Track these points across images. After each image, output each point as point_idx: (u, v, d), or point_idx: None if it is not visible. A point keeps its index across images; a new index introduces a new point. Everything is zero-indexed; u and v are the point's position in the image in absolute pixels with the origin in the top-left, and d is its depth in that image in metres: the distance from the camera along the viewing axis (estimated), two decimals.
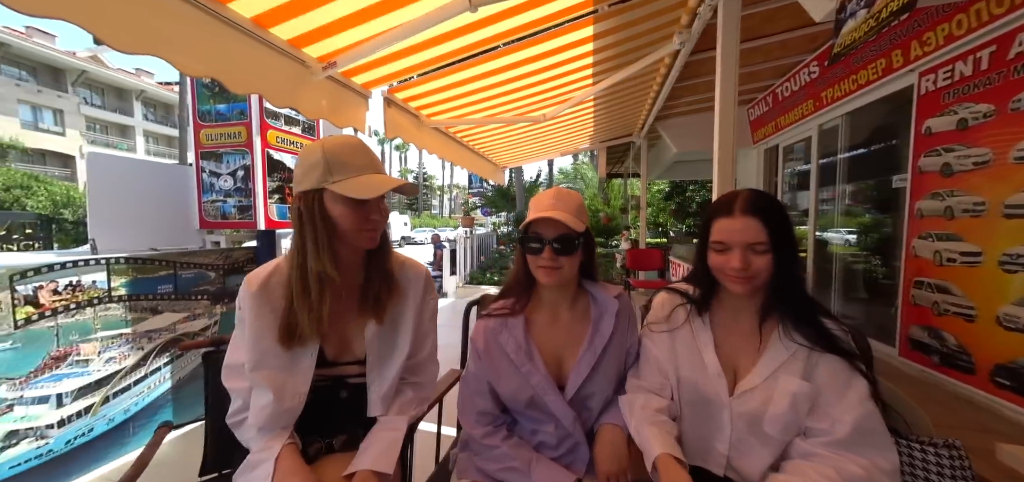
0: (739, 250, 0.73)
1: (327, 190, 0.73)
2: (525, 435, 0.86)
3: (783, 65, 3.84)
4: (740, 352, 0.78)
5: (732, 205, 0.75)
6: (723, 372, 0.77)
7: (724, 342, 0.80)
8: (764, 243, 0.72)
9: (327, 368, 0.82)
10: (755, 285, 0.75)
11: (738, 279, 0.74)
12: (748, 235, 0.72)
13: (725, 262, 0.75)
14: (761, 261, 0.72)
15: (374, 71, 2.27)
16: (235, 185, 2.36)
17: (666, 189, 13.87)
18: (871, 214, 3.23)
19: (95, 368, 1.74)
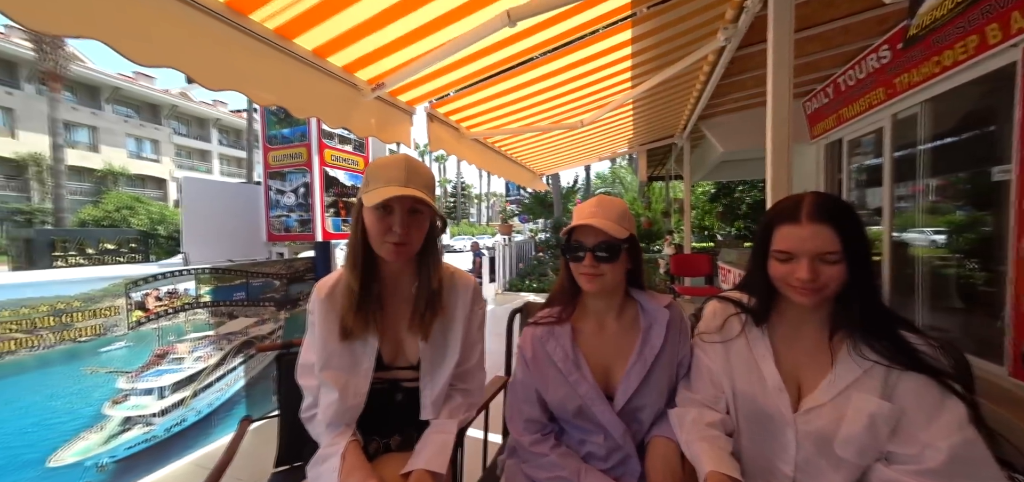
0: (807, 260, 0.67)
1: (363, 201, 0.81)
2: (573, 445, 0.86)
3: (845, 52, 3.51)
4: (804, 366, 0.72)
5: (798, 210, 0.69)
6: (785, 387, 0.72)
7: (785, 355, 0.74)
8: (836, 253, 0.65)
9: (384, 371, 0.88)
10: (824, 296, 0.69)
11: (805, 291, 0.68)
12: (817, 244, 0.66)
13: (790, 272, 0.69)
14: (832, 272, 0.66)
15: (417, 89, 2.41)
16: (297, 201, 2.60)
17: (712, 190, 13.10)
18: (964, 212, 2.84)
19: (187, 365, 2.00)
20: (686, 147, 6.27)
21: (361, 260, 0.83)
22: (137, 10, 1.03)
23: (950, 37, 2.59)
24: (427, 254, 0.88)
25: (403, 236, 0.80)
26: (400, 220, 0.79)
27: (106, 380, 1.69)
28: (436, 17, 1.64)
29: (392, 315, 0.90)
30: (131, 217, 14.58)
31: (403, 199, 0.79)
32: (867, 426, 0.63)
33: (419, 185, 0.81)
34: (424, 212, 0.83)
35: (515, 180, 4.79)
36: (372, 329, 0.85)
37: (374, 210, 0.80)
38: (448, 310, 0.91)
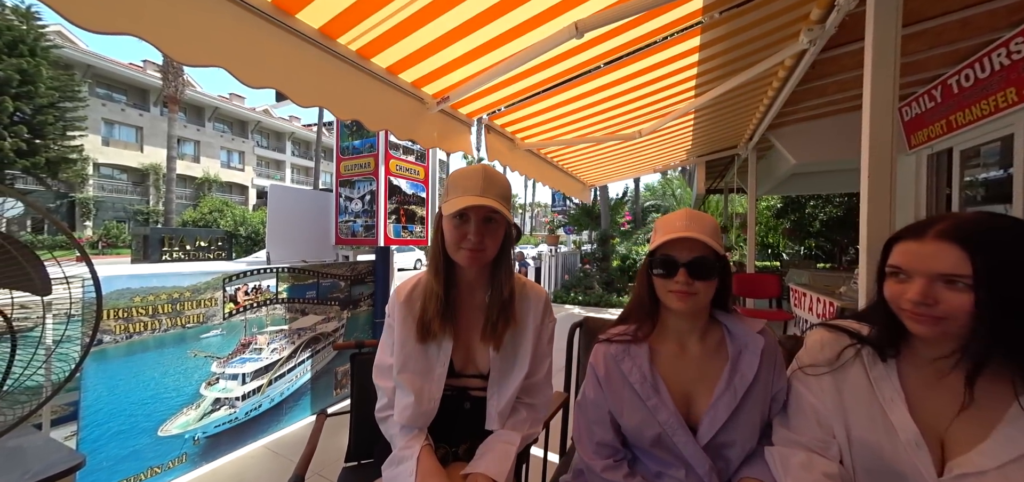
0: (922, 280, 0.58)
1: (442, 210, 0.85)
2: (649, 477, 0.80)
3: (961, 50, 3.05)
4: (948, 417, 0.60)
5: (926, 228, 0.61)
6: (924, 441, 0.60)
7: (922, 400, 0.63)
8: (965, 277, 0.55)
9: (454, 379, 0.89)
10: (943, 329, 0.58)
11: (917, 316, 0.59)
12: (938, 264, 0.57)
13: (901, 292, 0.61)
14: (956, 300, 0.56)
15: (478, 101, 2.48)
16: (363, 207, 2.78)
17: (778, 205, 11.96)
18: None
19: (265, 356, 2.19)
20: (752, 158, 5.79)
21: (442, 266, 0.87)
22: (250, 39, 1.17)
23: None
24: (500, 263, 0.89)
25: (477, 243, 0.81)
26: (475, 228, 0.82)
27: (204, 363, 1.91)
28: (504, 32, 1.68)
29: (465, 322, 0.92)
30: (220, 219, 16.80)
31: (478, 208, 0.80)
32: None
33: (494, 194, 0.82)
34: (499, 221, 0.84)
35: (565, 191, 4.74)
36: (448, 333, 0.87)
37: (452, 218, 0.83)
38: (519, 320, 0.90)
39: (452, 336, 0.88)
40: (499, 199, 0.82)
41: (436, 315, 0.85)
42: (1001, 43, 2.82)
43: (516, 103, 3.01)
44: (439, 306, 0.86)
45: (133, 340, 1.65)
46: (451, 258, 0.86)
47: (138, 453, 1.65)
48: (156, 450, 1.71)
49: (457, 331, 0.90)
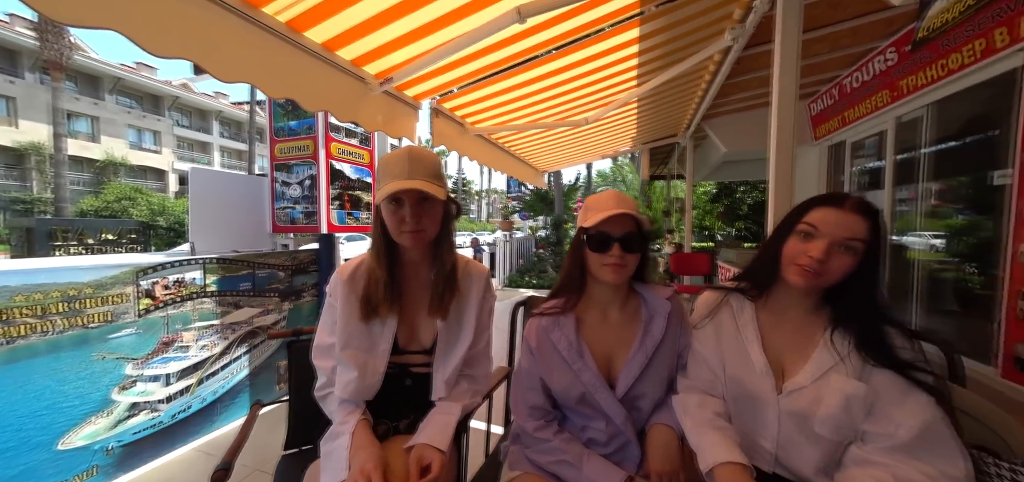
0: (826, 241, 0.69)
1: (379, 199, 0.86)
2: (575, 431, 0.89)
3: (852, 54, 3.52)
4: (788, 350, 0.76)
5: (843, 200, 0.72)
6: (770, 369, 0.75)
7: (771, 339, 0.78)
8: (861, 242, 0.68)
9: (397, 355, 0.91)
10: (818, 283, 0.71)
11: (806, 273, 0.71)
12: (848, 230, 0.69)
13: (804, 249, 0.71)
14: (843, 261, 0.69)
15: (424, 84, 2.42)
16: (302, 193, 2.62)
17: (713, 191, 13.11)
18: (963, 215, 2.86)
19: (192, 354, 2.02)
20: (689, 146, 6.27)
21: (384, 251, 0.88)
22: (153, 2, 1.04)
23: (958, 40, 2.59)
24: (442, 239, 0.92)
25: (415, 225, 0.83)
26: (411, 211, 0.83)
27: (115, 366, 1.71)
28: (446, 12, 1.65)
29: (411, 300, 0.94)
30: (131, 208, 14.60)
31: (409, 191, 0.82)
32: (843, 406, 0.66)
33: (423, 174, 0.84)
34: (434, 199, 0.87)
35: (518, 177, 4.81)
36: (393, 312, 0.89)
37: (388, 204, 0.84)
38: (463, 293, 0.95)
39: (397, 314, 0.90)
40: (429, 178, 0.84)
41: (383, 299, 0.87)
42: (879, 51, 3.32)
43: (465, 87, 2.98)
44: (385, 290, 0.87)
45: (17, 345, 1.44)
46: (393, 241, 0.88)
47: (32, 471, 1.46)
48: (56, 465, 1.52)
49: (402, 309, 0.92)
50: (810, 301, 0.78)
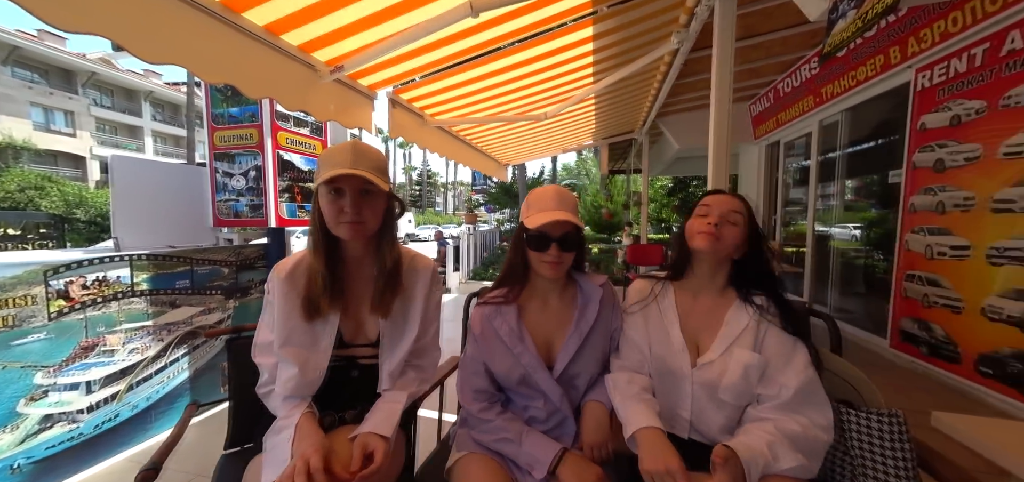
0: (717, 213, 0.86)
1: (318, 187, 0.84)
2: (517, 411, 0.95)
3: (784, 61, 3.86)
4: (702, 329, 0.87)
5: (722, 190, 0.92)
6: (686, 347, 0.86)
7: (688, 320, 0.89)
8: (740, 214, 0.85)
9: (343, 348, 0.91)
10: (718, 249, 0.85)
11: (707, 236, 0.85)
12: (730, 206, 0.87)
13: (702, 221, 0.86)
14: (731, 232, 0.85)
15: (379, 73, 2.35)
16: (247, 185, 2.46)
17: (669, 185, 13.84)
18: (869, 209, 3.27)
19: (120, 358, 1.85)
20: (645, 142, 6.58)
21: (323, 244, 0.86)
22: None
23: (864, 54, 2.95)
24: (384, 234, 0.92)
25: (355, 215, 0.83)
26: (351, 201, 0.83)
27: (21, 376, 1.54)
28: (397, 2, 1.62)
29: (354, 295, 0.93)
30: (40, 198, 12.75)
31: (352, 180, 0.82)
32: (743, 375, 0.78)
33: (367, 166, 0.83)
34: (376, 192, 0.86)
35: (481, 170, 4.80)
36: (335, 308, 0.88)
37: (327, 194, 0.83)
38: (408, 289, 0.95)
39: (339, 311, 0.89)
40: (373, 171, 0.84)
41: (323, 293, 0.86)
42: (805, 60, 3.68)
43: (424, 78, 2.93)
44: (325, 284, 0.86)
45: None
46: (332, 235, 0.87)
47: None
48: None
49: (346, 304, 0.91)
50: (718, 282, 0.89)
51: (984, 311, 1.99)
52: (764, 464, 0.68)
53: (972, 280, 2.06)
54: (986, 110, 2.01)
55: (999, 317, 1.92)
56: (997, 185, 1.93)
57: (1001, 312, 1.92)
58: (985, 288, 1.99)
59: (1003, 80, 1.93)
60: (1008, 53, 1.91)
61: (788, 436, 0.71)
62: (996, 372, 1.94)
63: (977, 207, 2.04)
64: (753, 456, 0.67)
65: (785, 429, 0.72)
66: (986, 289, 1.98)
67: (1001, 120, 1.92)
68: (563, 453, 0.83)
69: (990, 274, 1.96)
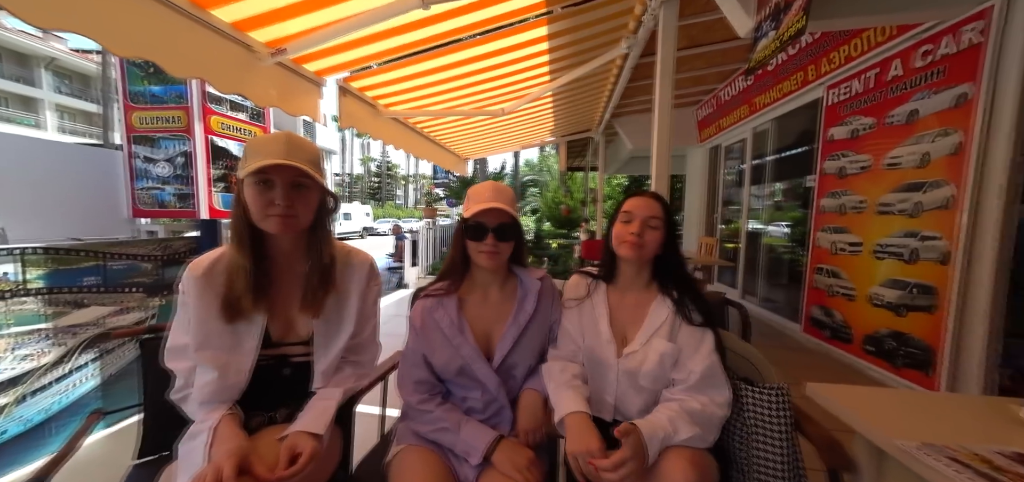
0: (639, 220, 0.92)
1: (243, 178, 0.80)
2: (457, 402, 0.97)
3: (724, 71, 4.19)
4: (628, 322, 0.95)
5: (644, 191, 0.98)
6: (614, 338, 0.93)
7: (617, 314, 0.97)
8: (659, 219, 0.92)
9: (271, 348, 0.87)
10: (643, 255, 0.92)
11: (632, 244, 0.91)
12: (650, 210, 0.92)
13: (626, 229, 0.93)
14: (653, 236, 0.92)
15: (328, 59, 2.24)
16: (173, 172, 2.23)
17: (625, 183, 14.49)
18: (794, 210, 3.66)
19: (6, 367, 1.62)
20: (601, 141, 6.84)
21: (248, 238, 0.82)
22: None
23: (789, 70, 3.28)
24: (318, 230, 0.89)
25: (286, 208, 0.79)
26: (282, 192, 0.79)
27: None
28: None
29: (283, 293, 0.89)
30: None
31: (283, 171, 0.78)
32: (659, 362, 0.87)
33: (302, 159, 0.80)
34: (310, 186, 0.83)
35: (439, 163, 4.73)
36: (261, 308, 0.84)
37: (254, 185, 0.79)
38: (342, 286, 0.92)
39: (266, 310, 0.85)
40: (308, 164, 0.81)
41: (246, 290, 0.81)
42: (741, 72, 4.03)
43: (378, 66, 2.83)
44: (248, 280, 0.81)
45: None
46: (257, 228, 0.82)
47: None
48: None
49: (273, 303, 0.87)
50: (643, 279, 0.96)
51: (869, 298, 2.33)
52: (664, 436, 0.76)
53: (862, 272, 2.40)
54: (875, 126, 2.34)
55: (880, 303, 2.27)
56: (881, 190, 2.27)
57: (881, 298, 2.26)
58: (871, 279, 2.33)
59: (888, 101, 2.25)
60: (892, 78, 2.23)
61: (688, 412, 0.80)
62: (876, 349, 2.29)
63: (867, 209, 2.37)
64: (654, 430, 0.76)
65: (687, 406, 0.81)
66: (872, 279, 2.33)
67: (885, 135, 2.25)
68: (498, 440, 0.86)
69: (875, 266, 2.30)
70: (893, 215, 2.21)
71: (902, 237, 2.16)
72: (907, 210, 2.13)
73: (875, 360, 2.31)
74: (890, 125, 2.25)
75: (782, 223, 3.78)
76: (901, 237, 2.16)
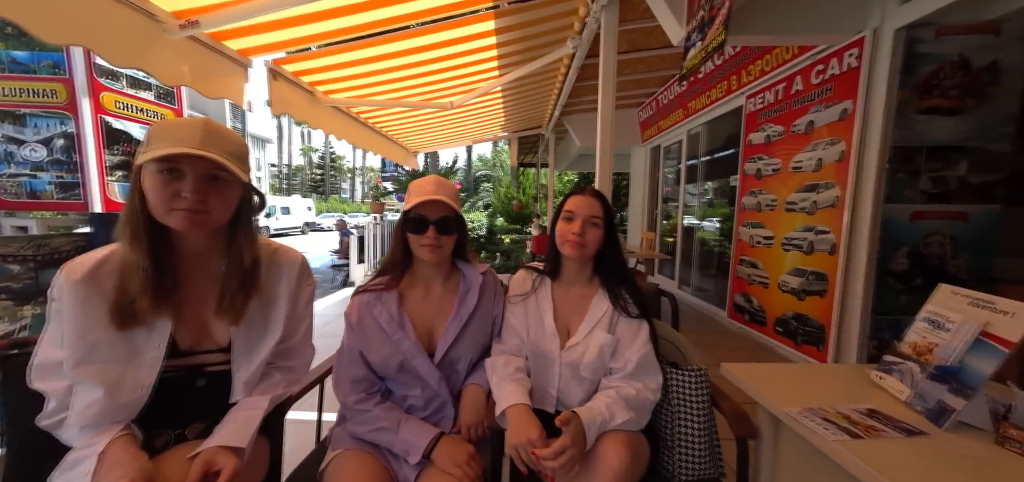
0: (581, 219, 0.94)
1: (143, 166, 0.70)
2: (397, 400, 0.94)
3: (663, 76, 4.48)
4: (572, 316, 0.99)
5: (583, 189, 1.00)
6: (557, 332, 0.96)
7: (561, 308, 1.00)
8: (599, 218, 0.94)
9: (181, 357, 0.77)
10: (585, 254, 0.95)
11: (574, 244, 0.94)
12: (590, 210, 0.94)
13: (568, 229, 0.95)
14: (595, 233, 0.94)
15: (255, 38, 2.03)
16: (51, 157, 1.88)
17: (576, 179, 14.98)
18: (721, 207, 4.03)
19: None
20: (552, 138, 7.00)
21: (145, 232, 0.71)
22: None
23: (716, 79, 3.60)
24: (239, 228, 0.80)
25: (196, 202, 0.70)
26: (193, 185, 0.70)
27: None
28: None
29: (193, 296, 0.79)
30: None
31: (196, 160, 0.70)
32: (598, 353, 0.91)
33: (221, 150, 0.72)
34: (229, 180, 0.75)
35: (386, 156, 4.53)
36: (164, 312, 0.74)
37: (157, 174, 0.69)
38: (268, 289, 0.84)
39: (171, 315, 0.75)
40: (228, 156, 0.72)
41: (143, 292, 0.70)
42: (676, 79, 4.35)
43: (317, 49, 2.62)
44: (147, 281, 0.71)
45: None
46: (159, 222, 0.72)
47: None
48: None
49: (181, 307, 0.77)
50: (585, 275, 0.99)
51: (779, 285, 2.67)
52: (602, 422, 0.80)
53: (774, 262, 2.74)
54: (784, 133, 2.66)
55: (786, 289, 2.61)
56: (789, 190, 2.59)
57: (788, 285, 2.60)
58: (780, 268, 2.67)
59: (793, 112, 2.58)
60: (795, 92, 2.55)
61: (624, 398, 0.85)
62: (783, 329, 2.64)
63: (778, 207, 2.70)
64: (593, 416, 0.80)
65: (623, 393, 0.86)
66: (781, 269, 2.66)
67: (791, 142, 2.58)
68: (439, 437, 0.85)
69: (783, 257, 2.64)
70: (797, 212, 2.54)
71: (803, 231, 2.49)
72: (806, 208, 2.46)
73: (782, 339, 2.65)
74: (795, 133, 2.57)
75: (713, 219, 4.15)
76: (802, 232, 2.49)
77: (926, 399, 0.72)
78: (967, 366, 0.69)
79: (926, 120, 2.00)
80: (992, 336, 0.68)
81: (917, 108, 2.00)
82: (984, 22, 1.92)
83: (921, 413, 0.72)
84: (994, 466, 0.59)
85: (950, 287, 0.80)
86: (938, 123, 1.99)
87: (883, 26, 2.02)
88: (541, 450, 0.74)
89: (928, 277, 2.08)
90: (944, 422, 0.68)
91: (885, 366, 0.83)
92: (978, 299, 0.73)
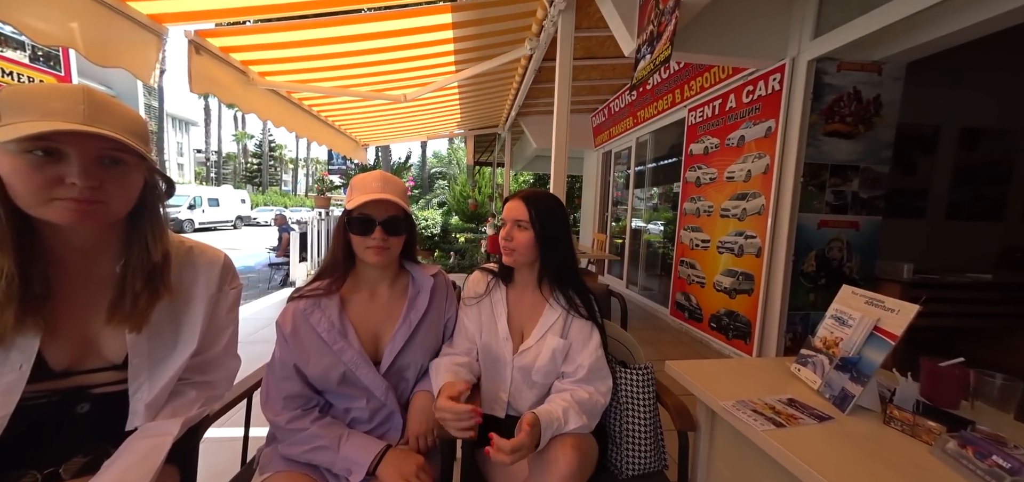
0: (509, 223, 0.94)
1: None
2: (338, 414, 0.86)
3: (615, 84, 4.69)
4: (526, 320, 0.98)
5: (515, 195, 0.98)
6: (511, 336, 0.95)
7: (515, 313, 0.99)
8: (525, 221, 0.92)
9: (54, 380, 0.63)
10: (516, 258, 0.95)
11: (505, 249, 0.95)
12: (515, 213, 0.94)
13: (505, 232, 0.95)
14: (522, 236, 0.93)
15: (172, 2, 1.78)
16: None
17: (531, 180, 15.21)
18: (665, 211, 4.31)
19: None
20: (508, 138, 7.02)
21: (9, 230, 0.58)
22: None
23: (663, 91, 3.84)
24: (143, 219, 0.68)
25: (87, 188, 0.58)
26: (81, 169, 0.57)
27: None
28: None
29: (75, 305, 0.65)
30: None
31: (85, 140, 0.57)
32: (551, 358, 0.92)
33: (117, 125, 0.59)
34: (130, 163, 0.62)
35: (332, 147, 4.24)
36: (28, 327, 0.59)
37: (22, 155, 0.55)
38: (181, 292, 0.72)
39: (40, 330, 0.61)
40: (128, 133, 0.60)
41: (5, 304, 0.57)
42: (627, 88, 4.58)
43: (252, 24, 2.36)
44: (10, 288, 0.57)
45: None
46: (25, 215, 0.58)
47: None
48: None
49: (55, 319, 0.63)
50: (533, 279, 0.98)
51: (714, 285, 2.93)
52: (557, 426, 0.80)
53: (710, 263, 2.99)
54: (719, 146, 2.92)
55: (720, 288, 2.87)
56: (723, 198, 2.85)
57: (721, 285, 2.86)
58: (715, 269, 2.92)
59: (727, 126, 2.83)
60: (729, 108, 2.81)
61: (578, 402, 0.86)
62: (717, 325, 2.90)
63: (714, 213, 2.96)
64: (550, 420, 0.79)
65: (577, 397, 0.87)
66: (715, 269, 2.92)
67: (726, 154, 2.83)
68: (386, 450, 0.79)
69: (718, 259, 2.89)
70: (730, 218, 2.79)
71: (734, 236, 2.74)
72: (737, 214, 2.71)
73: (716, 334, 2.90)
74: (729, 146, 2.82)
75: (658, 222, 4.42)
76: (734, 236, 2.74)
77: (833, 387, 0.81)
78: (864, 357, 0.79)
79: (830, 141, 2.30)
80: (883, 330, 0.78)
81: (823, 131, 2.29)
82: (870, 62, 2.26)
83: (829, 400, 0.81)
84: (881, 443, 0.68)
85: (851, 288, 0.91)
86: (838, 144, 2.30)
87: (799, 56, 2.29)
88: (502, 441, 0.71)
89: (830, 277, 2.39)
90: (846, 407, 0.77)
91: (802, 359, 0.92)
92: (872, 298, 0.84)
